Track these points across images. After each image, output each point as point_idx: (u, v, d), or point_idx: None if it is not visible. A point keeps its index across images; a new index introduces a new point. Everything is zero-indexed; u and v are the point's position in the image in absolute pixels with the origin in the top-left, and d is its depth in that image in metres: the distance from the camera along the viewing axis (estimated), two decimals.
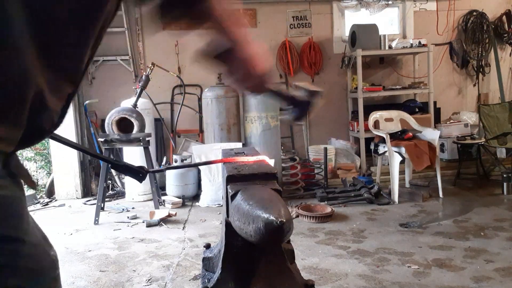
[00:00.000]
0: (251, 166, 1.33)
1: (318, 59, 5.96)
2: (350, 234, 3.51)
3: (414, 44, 5.60)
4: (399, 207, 4.27)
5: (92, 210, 4.30)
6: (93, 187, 5.34)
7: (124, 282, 2.75)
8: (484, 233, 3.40)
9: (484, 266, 2.78)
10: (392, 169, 4.46)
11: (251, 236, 0.95)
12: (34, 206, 4.86)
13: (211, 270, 1.50)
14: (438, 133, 4.60)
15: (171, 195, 4.84)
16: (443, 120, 6.21)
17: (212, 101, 4.82)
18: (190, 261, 3.04)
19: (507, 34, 6.36)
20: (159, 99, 5.53)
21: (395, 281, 2.60)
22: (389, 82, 6.16)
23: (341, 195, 4.54)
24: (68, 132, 4.97)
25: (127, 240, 3.58)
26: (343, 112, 6.16)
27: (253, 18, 5.90)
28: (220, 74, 4.96)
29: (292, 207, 4.12)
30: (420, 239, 3.31)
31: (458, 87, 6.46)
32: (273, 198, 1.00)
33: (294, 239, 3.27)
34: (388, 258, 2.96)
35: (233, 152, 1.60)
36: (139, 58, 5.76)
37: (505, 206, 4.17)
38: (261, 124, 4.64)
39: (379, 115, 4.98)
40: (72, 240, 3.65)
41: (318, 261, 2.95)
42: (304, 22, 5.99)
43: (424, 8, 6.21)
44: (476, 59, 6.31)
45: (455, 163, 5.31)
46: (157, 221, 3.94)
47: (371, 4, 5.97)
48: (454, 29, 6.34)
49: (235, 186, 1.16)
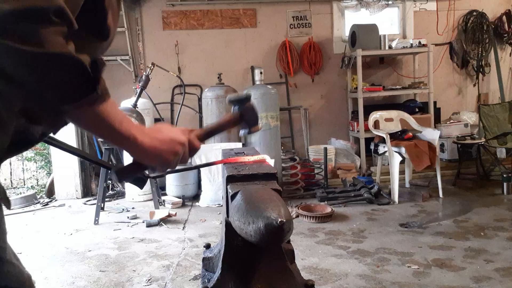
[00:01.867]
0: (251, 166, 1.33)
1: (318, 59, 5.96)
2: (350, 234, 3.51)
3: (414, 44, 5.60)
4: (399, 207, 4.27)
5: (92, 210, 4.30)
6: (93, 187, 5.34)
7: (124, 282, 2.75)
8: (484, 233, 3.40)
9: (484, 266, 2.78)
10: (392, 169, 4.46)
11: (251, 236, 0.95)
12: (34, 206, 4.87)
13: (211, 270, 1.50)
14: (438, 133, 4.60)
15: (171, 195, 4.84)
16: (443, 120, 6.21)
17: (212, 101, 4.82)
18: (190, 261, 3.04)
19: (507, 34, 6.35)
20: (159, 99, 5.53)
21: (395, 281, 2.60)
22: (389, 82, 6.17)
23: (341, 195, 4.54)
24: (68, 132, 4.96)
25: (127, 240, 3.58)
26: (343, 112, 6.16)
27: (253, 18, 5.90)
28: (220, 74, 4.97)
29: (292, 207, 4.12)
30: (420, 239, 3.31)
31: (458, 87, 6.46)
32: (273, 198, 1.00)
33: (294, 239, 3.27)
34: (388, 258, 2.96)
35: (233, 152, 1.60)
36: (139, 58, 5.76)
37: (505, 206, 4.17)
38: (261, 124, 4.63)
39: (379, 115, 4.98)
40: (72, 240, 3.65)
41: (318, 261, 2.95)
42: (304, 22, 5.99)
43: (424, 8, 6.21)
44: (476, 59, 6.31)
45: (455, 163, 5.31)
46: (157, 221, 3.94)
47: (371, 4, 5.97)
48: (454, 29, 6.34)
49: (235, 186, 1.16)
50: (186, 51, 5.83)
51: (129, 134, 0.85)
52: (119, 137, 0.84)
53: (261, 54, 5.96)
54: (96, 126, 0.82)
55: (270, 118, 4.65)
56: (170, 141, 0.94)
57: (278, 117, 4.79)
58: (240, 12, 5.88)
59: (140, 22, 5.73)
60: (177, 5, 5.79)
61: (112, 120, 0.81)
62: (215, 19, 5.85)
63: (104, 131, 0.83)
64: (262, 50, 5.96)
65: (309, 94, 6.07)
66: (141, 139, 0.87)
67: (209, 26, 5.85)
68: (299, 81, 6.05)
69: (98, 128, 0.82)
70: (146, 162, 0.94)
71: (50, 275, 2.91)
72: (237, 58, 5.91)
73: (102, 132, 0.84)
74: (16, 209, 4.73)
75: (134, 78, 5.69)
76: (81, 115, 0.78)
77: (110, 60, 5.68)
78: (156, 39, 5.79)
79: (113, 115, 0.81)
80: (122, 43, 5.62)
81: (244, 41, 5.93)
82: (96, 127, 0.82)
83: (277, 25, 5.95)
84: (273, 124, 4.68)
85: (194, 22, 5.83)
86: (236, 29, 5.89)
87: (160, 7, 5.74)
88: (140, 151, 0.89)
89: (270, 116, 4.65)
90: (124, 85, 5.61)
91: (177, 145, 0.95)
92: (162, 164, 0.94)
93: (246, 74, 5.93)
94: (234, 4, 5.86)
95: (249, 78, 5.87)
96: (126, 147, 0.88)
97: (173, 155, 0.94)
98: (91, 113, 0.78)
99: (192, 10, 5.81)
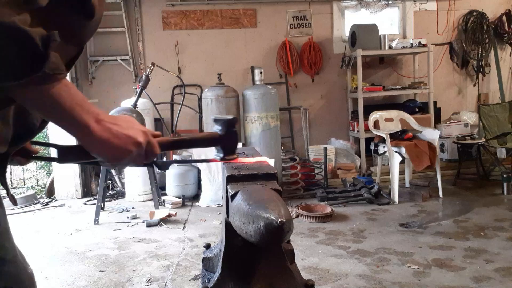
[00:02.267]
0: (251, 166, 1.33)
1: (318, 59, 5.96)
2: (350, 234, 3.51)
3: (414, 44, 5.60)
4: (399, 207, 4.27)
5: (92, 210, 4.30)
6: (93, 187, 5.34)
7: (124, 282, 2.76)
8: (484, 233, 3.40)
9: (484, 266, 2.78)
10: (392, 169, 4.46)
11: (251, 236, 0.95)
12: (34, 206, 4.87)
13: (211, 270, 1.50)
14: (438, 133, 4.60)
15: (171, 195, 4.84)
16: (443, 120, 6.21)
17: (212, 101, 4.82)
18: (190, 261, 3.04)
19: (507, 34, 6.35)
20: (159, 99, 5.53)
21: (395, 281, 2.60)
22: (389, 82, 6.17)
23: (341, 195, 4.54)
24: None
25: (127, 240, 3.58)
26: (343, 112, 6.16)
27: (253, 18, 5.90)
28: (220, 74, 4.97)
29: (292, 207, 4.12)
30: (420, 239, 3.31)
31: (458, 87, 6.46)
32: (273, 198, 1.00)
33: (294, 239, 3.27)
34: (388, 258, 2.96)
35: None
36: (139, 58, 5.76)
37: (505, 206, 4.17)
38: (261, 124, 4.64)
39: (379, 115, 4.98)
40: (72, 240, 3.65)
41: (318, 261, 2.95)
42: (304, 22, 5.99)
43: (424, 8, 6.21)
44: (476, 59, 6.31)
45: (455, 163, 5.31)
46: (157, 221, 3.94)
47: (371, 4, 5.97)
48: (454, 29, 6.34)
49: (235, 186, 1.16)
50: (186, 51, 5.83)
51: (80, 121, 0.78)
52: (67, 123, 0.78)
53: (261, 54, 5.96)
54: (44, 108, 0.75)
55: (270, 118, 4.66)
56: (125, 138, 0.86)
57: (278, 117, 4.79)
58: (240, 12, 5.88)
59: (140, 22, 5.73)
60: (177, 5, 5.79)
61: (62, 103, 0.74)
62: (215, 19, 5.85)
63: (52, 114, 0.76)
64: (262, 50, 5.97)
65: (309, 94, 6.07)
66: (93, 128, 0.80)
67: (209, 26, 5.85)
68: (299, 81, 6.05)
69: (45, 110, 0.76)
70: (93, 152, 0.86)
71: (50, 275, 2.91)
72: (237, 58, 5.91)
73: (50, 115, 0.77)
74: (16, 209, 4.73)
75: (134, 78, 5.69)
76: (27, 95, 0.71)
77: (110, 60, 5.69)
78: (156, 39, 5.79)
79: (65, 97, 0.74)
80: (122, 43, 5.62)
81: (244, 41, 5.93)
82: (43, 109, 0.75)
83: (277, 25, 5.95)
84: (273, 124, 4.68)
85: (194, 22, 5.83)
86: (236, 29, 5.89)
87: (160, 7, 5.74)
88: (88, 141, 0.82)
89: (270, 116, 4.65)
90: (124, 85, 5.61)
91: (131, 144, 0.87)
92: (109, 159, 0.86)
93: (246, 74, 5.93)
94: (234, 4, 5.87)
95: (249, 78, 5.87)
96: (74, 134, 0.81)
97: (123, 153, 0.86)
98: (38, 93, 0.71)
99: (192, 10, 5.81)
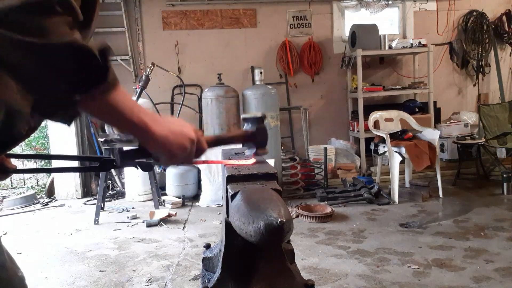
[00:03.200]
0: (251, 166, 1.32)
1: (318, 59, 5.96)
2: (350, 234, 3.51)
3: (414, 44, 5.60)
4: (399, 207, 4.27)
5: (92, 210, 4.30)
6: (93, 187, 5.34)
7: (124, 282, 2.76)
8: (484, 233, 3.40)
9: (484, 266, 2.78)
10: (392, 169, 4.46)
11: (251, 236, 0.95)
12: (34, 206, 4.87)
13: (211, 270, 1.50)
14: (438, 133, 4.60)
15: (171, 195, 4.85)
16: (443, 120, 6.21)
17: (212, 101, 4.82)
18: (190, 261, 3.04)
19: (507, 34, 6.35)
20: (159, 99, 5.53)
21: (395, 281, 2.60)
22: (389, 82, 6.17)
23: (341, 195, 4.54)
24: (68, 132, 4.97)
25: (127, 240, 3.58)
26: (343, 112, 6.16)
27: (253, 18, 5.91)
28: (220, 74, 4.97)
29: (292, 207, 4.12)
30: (420, 239, 3.31)
31: (458, 87, 6.46)
32: (273, 198, 1.00)
33: (294, 239, 3.27)
34: (388, 258, 2.96)
35: (233, 152, 1.60)
36: (139, 58, 5.76)
37: (505, 206, 4.17)
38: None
39: (379, 115, 4.98)
40: (72, 240, 3.65)
41: (318, 261, 2.95)
42: (304, 22, 5.99)
43: (424, 8, 6.21)
44: (476, 59, 6.31)
45: (455, 163, 5.31)
46: (157, 221, 3.94)
47: (371, 4, 5.97)
48: (454, 29, 6.34)
49: (235, 186, 1.16)
50: (186, 51, 5.83)
51: (140, 122, 0.84)
52: (130, 125, 0.83)
53: (261, 54, 5.96)
54: (108, 115, 0.81)
55: (270, 118, 4.66)
56: (181, 134, 0.92)
57: (278, 117, 4.79)
58: (240, 12, 5.88)
59: (140, 22, 5.73)
60: (177, 5, 5.79)
61: (123, 108, 0.80)
62: (215, 19, 5.85)
63: (115, 119, 0.82)
64: (262, 50, 5.97)
65: (309, 94, 6.07)
66: (153, 127, 0.86)
67: (209, 26, 5.85)
68: (299, 81, 6.05)
69: (110, 117, 0.81)
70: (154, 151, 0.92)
71: (50, 275, 2.91)
72: (237, 58, 5.91)
73: (113, 121, 0.83)
74: (16, 209, 4.73)
75: (134, 78, 5.69)
76: (93, 105, 0.76)
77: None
78: (156, 39, 5.79)
79: (124, 102, 0.80)
80: (122, 43, 5.62)
81: (244, 41, 5.93)
82: (107, 116, 0.81)
83: (277, 25, 5.95)
84: (273, 124, 4.68)
85: (194, 22, 5.83)
86: (236, 29, 5.89)
87: (160, 7, 5.74)
88: (150, 140, 0.88)
89: (270, 116, 4.65)
90: (124, 85, 5.50)
91: (187, 140, 0.93)
92: (169, 156, 0.92)
93: (246, 74, 5.93)
94: (234, 4, 5.87)
95: (249, 78, 5.87)
96: (137, 135, 0.87)
97: (181, 149, 0.92)
98: (102, 102, 0.77)
99: (192, 10, 5.81)
